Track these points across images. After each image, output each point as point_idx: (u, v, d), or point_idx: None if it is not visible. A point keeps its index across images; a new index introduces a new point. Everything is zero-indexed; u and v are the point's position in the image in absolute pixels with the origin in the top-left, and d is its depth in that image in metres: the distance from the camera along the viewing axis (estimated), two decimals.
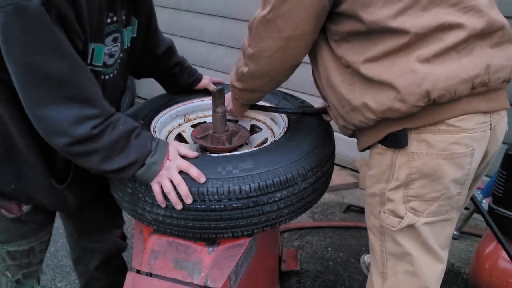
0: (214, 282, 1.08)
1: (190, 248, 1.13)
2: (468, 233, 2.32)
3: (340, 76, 1.04)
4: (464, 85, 0.92)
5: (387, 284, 1.14)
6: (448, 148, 0.97)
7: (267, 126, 1.47)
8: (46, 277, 2.03)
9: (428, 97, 0.92)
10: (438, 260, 1.10)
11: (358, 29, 0.97)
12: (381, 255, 1.14)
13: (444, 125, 0.96)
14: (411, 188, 1.02)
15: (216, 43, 3.28)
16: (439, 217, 1.05)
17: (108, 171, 1.00)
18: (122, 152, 0.99)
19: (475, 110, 0.96)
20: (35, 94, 0.90)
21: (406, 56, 0.93)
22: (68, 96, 0.91)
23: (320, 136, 1.22)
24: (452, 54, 0.93)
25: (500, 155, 1.56)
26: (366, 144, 1.09)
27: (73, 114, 0.92)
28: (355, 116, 1.04)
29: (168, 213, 1.07)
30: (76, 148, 0.95)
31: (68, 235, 1.54)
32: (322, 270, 2.10)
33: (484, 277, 1.68)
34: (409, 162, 1.00)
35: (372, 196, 1.11)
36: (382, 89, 0.96)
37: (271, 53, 1.04)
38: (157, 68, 1.43)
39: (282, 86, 1.21)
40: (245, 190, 1.02)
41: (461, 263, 2.11)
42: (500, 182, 1.56)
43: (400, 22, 0.91)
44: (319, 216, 2.53)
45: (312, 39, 1.04)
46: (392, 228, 1.08)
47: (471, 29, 0.92)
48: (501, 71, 0.96)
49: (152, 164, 1.03)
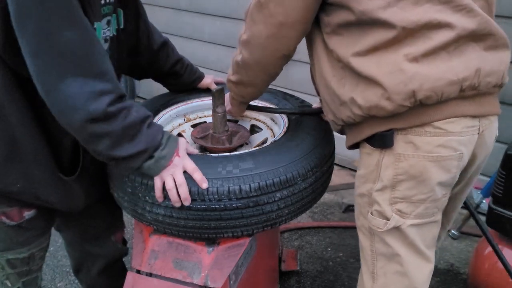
0: (214, 282, 1.08)
1: (190, 248, 1.13)
2: (468, 233, 2.32)
3: (331, 70, 1.04)
4: (452, 87, 0.91)
5: (377, 284, 1.14)
6: (434, 150, 0.96)
7: (267, 126, 1.47)
8: (46, 277, 2.03)
9: (414, 97, 0.91)
10: (426, 261, 1.11)
11: (348, 19, 0.96)
12: (371, 255, 1.14)
13: (431, 127, 0.95)
14: (398, 189, 1.02)
15: (216, 43, 3.28)
16: (425, 219, 1.05)
17: (117, 157, 0.98)
18: (133, 140, 0.97)
19: (464, 113, 0.95)
20: (50, 68, 0.87)
21: (394, 52, 0.92)
22: (83, 70, 0.89)
23: (319, 136, 1.22)
24: (442, 54, 0.92)
25: (499, 155, 1.56)
26: (353, 141, 1.09)
27: (88, 89, 0.89)
28: (343, 111, 1.04)
29: (168, 213, 1.07)
30: (90, 127, 0.92)
31: (68, 244, 1.51)
32: (322, 270, 2.10)
33: (483, 277, 1.68)
34: (396, 163, 1.00)
35: (361, 196, 1.11)
36: (370, 85, 0.95)
37: (263, 40, 1.04)
38: (157, 66, 1.42)
39: (282, 86, 1.21)
40: (245, 190, 1.02)
41: (460, 263, 2.11)
42: (500, 182, 1.56)
43: (390, 14, 0.90)
44: (318, 216, 2.53)
45: (303, 29, 1.03)
46: (378, 229, 1.08)
47: (461, 29, 0.91)
48: (492, 76, 0.95)
49: (161, 158, 1.01)
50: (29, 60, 0.88)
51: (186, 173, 1.04)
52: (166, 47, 1.41)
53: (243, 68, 1.15)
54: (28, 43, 0.86)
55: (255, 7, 1.02)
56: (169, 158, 1.02)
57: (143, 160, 1.00)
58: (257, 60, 1.09)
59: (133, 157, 0.99)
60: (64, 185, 1.13)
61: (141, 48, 1.33)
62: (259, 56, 1.08)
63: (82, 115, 0.90)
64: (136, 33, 1.29)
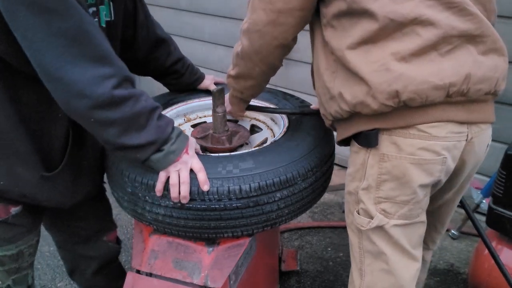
0: (214, 282, 1.08)
1: (190, 248, 1.13)
2: (467, 233, 2.32)
3: (326, 63, 1.04)
4: (437, 92, 0.90)
5: (365, 281, 1.15)
6: (416, 153, 0.96)
7: (267, 126, 1.47)
8: (46, 277, 2.03)
9: (397, 97, 0.91)
10: (412, 259, 1.11)
11: (340, 8, 0.96)
12: (359, 252, 1.14)
13: (415, 129, 0.95)
14: (382, 189, 1.02)
15: (216, 43, 3.28)
16: (410, 220, 1.05)
17: (125, 145, 0.95)
18: (142, 129, 0.95)
19: (450, 118, 0.94)
20: (50, 55, 0.85)
21: (382, 48, 0.92)
22: (83, 55, 0.87)
23: (319, 136, 1.22)
24: (432, 54, 0.91)
25: (500, 155, 1.56)
26: (341, 137, 1.10)
27: (89, 73, 0.87)
28: (332, 105, 1.04)
29: (168, 213, 1.07)
30: (97, 113, 0.90)
31: (60, 247, 1.49)
32: (322, 270, 2.10)
33: (483, 277, 1.68)
34: (380, 162, 1.00)
35: (349, 195, 1.12)
36: (358, 82, 0.95)
37: (262, 26, 1.04)
38: (157, 62, 1.40)
39: (282, 86, 1.21)
40: (245, 189, 1.02)
41: (460, 263, 2.11)
42: (500, 182, 1.56)
43: (380, 5, 0.90)
44: (319, 216, 2.53)
45: (302, 17, 1.03)
46: (362, 227, 1.08)
47: (449, 28, 0.89)
48: (484, 83, 0.93)
49: (170, 153, 1.00)
50: (27, 49, 0.86)
51: (191, 172, 1.03)
52: (167, 44, 1.40)
53: (243, 59, 1.14)
54: (23, 32, 0.84)
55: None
56: (178, 154, 1.01)
57: (151, 152, 0.98)
58: (256, 49, 1.09)
59: (141, 147, 0.97)
60: (47, 182, 1.10)
61: (138, 40, 1.31)
62: (258, 45, 1.08)
63: (88, 101, 0.88)
64: (134, 25, 1.28)
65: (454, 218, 2.32)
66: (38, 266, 2.07)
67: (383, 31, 0.91)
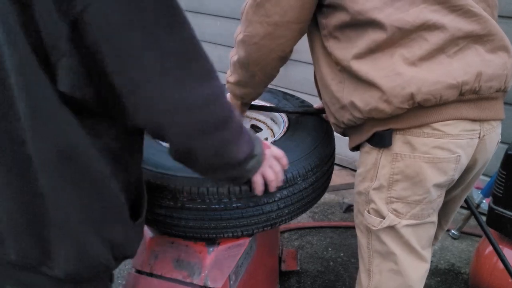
0: (214, 282, 1.08)
1: (190, 248, 1.13)
2: (468, 233, 2.31)
3: (331, 73, 1.04)
4: (450, 91, 0.91)
5: (373, 282, 1.15)
6: (430, 152, 0.96)
7: (267, 126, 1.47)
8: None
9: (412, 99, 0.91)
10: (421, 260, 1.11)
11: (343, 20, 0.96)
12: (368, 252, 1.14)
13: (429, 128, 0.95)
14: (394, 189, 1.02)
15: (216, 43, 3.28)
16: (421, 220, 1.05)
17: (236, 160, 0.82)
18: (244, 136, 0.82)
19: (463, 116, 0.95)
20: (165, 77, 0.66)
21: (390, 55, 0.92)
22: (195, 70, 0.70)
23: (320, 136, 1.22)
24: (441, 57, 0.91)
25: (500, 155, 1.56)
26: (355, 143, 1.10)
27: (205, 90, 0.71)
28: (344, 114, 1.04)
29: (168, 213, 1.07)
30: (212, 107, 0.72)
31: None
32: (322, 270, 2.10)
33: (484, 277, 1.68)
34: (393, 162, 1.00)
35: (359, 195, 1.12)
36: (368, 88, 0.95)
37: (259, 39, 1.04)
38: None
39: (282, 86, 1.21)
40: (245, 189, 1.02)
41: (461, 263, 2.11)
42: (500, 182, 1.56)
43: (386, 14, 0.90)
44: (319, 216, 2.53)
45: (299, 29, 1.03)
46: (373, 227, 1.08)
47: (455, 30, 0.90)
48: (494, 80, 0.94)
49: (260, 154, 0.90)
50: (128, 82, 0.65)
51: None
52: None
53: (240, 69, 1.15)
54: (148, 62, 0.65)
55: (250, 7, 1.02)
56: (263, 152, 0.92)
57: (249, 162, 0.86)
58: (254, 60, 1.10)
59: (247, 159, 0.85)
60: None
61: None
62: (255, 57, 1.08)
63: (206, 90, 0.71)
64: None
65: (455, 218, 2.32)
66: None
67: (391, 40, 0.91)
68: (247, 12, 1.04)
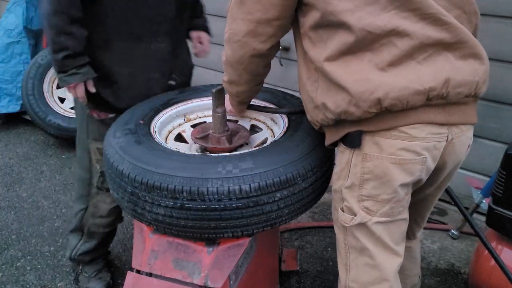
0: (214, 282, 1.08)
1: (190, 248, 1.13)
2: (468, 233, 2.31)
3: (307, 72, 1.07)
4: (417, 97, 0.94)
5: (350, 276, 1.17)
6: (397, 153, 0.99)
7: (267, 126, 1.47)
8: (46, 277, 2.03)
9: (380, 104, 0.94)
10: (395, 255, 1.13)
11: (317, 20, 0.99)
12: (345, 248, 1.17)
13: (397, 131, 0.98)
14: (365, 188, 1.05)
15: (216, 43, 3.27)
16: (393, 217, 1.08)
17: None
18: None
19: (430, 120, 0.98)
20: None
21: (361, 59, 0.95)
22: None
23: (320, 136, 1.22)
24: (410, 63, 0.94)
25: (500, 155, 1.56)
26: (329, 141, 1.12)
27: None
28: (318, 113, 1.07)
29: (168, 213, 1.07)
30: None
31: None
32: (322, 270, 2.10)
33: (484, 277, 1.68)
34: (363, 162, 1.03)
35: (335, 192, 1.15)
36: (340, 91, 0.98)
37: (241, 36, 1.07)
38: None
39: (282, 86, 1.22)
40: (245, 189, 1.02)
41: (461, 263, 2.11)
42: (500, 182, 1.56)
43: (357, 17, 0.92)
44: (319, 216, 2.53)
45: (280, 26, 1.06)
46: (345, 224, 1.10)
47: (424, 37, 0.92)
48: (463, 86, 0.97)
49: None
50: None
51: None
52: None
53: (229, 68, 1.18)
54: None
55: (234, 4, 1.06)
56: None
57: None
58: (237, 59, 1.12)
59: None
60: None
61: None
62: (239, 55, 1.11)
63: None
64: None
65: (454, 218, 2.32)
66: (38, 266, 2.08)
67: (362, 43, 0.94)
68: (231, 8, 1.07)
